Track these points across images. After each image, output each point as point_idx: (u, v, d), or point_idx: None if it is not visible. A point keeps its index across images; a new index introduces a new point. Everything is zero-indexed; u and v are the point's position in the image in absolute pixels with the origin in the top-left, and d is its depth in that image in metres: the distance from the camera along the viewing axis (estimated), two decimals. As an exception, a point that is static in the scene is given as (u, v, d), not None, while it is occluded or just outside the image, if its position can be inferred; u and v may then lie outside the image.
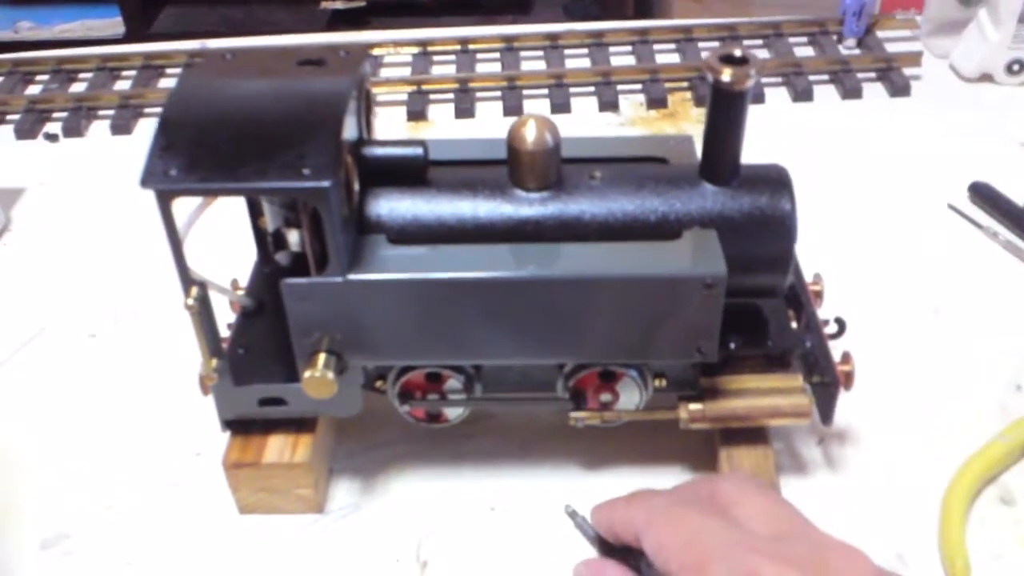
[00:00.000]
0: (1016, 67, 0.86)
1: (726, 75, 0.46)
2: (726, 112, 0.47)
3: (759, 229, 0.48)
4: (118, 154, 0.86)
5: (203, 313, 0.47)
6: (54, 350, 0.66)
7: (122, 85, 0.95)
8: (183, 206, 0.45)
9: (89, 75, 0.96)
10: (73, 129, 0.89)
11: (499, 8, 1.61)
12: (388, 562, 0.51)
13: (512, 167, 0.49)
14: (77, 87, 0.95)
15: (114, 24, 1.72)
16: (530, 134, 0.48)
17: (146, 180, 0.43)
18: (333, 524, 0.53)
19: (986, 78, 0.88)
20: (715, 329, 0.47)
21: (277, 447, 0.52)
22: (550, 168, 0.49)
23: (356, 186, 0.49)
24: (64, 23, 1.75)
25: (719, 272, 0.46)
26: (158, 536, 0.53)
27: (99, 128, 0.90)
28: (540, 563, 0.51)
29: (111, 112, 0.90)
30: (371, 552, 0.52)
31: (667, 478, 0.55)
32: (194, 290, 0.46)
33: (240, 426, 0.53)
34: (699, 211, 0.49)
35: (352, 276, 0.46)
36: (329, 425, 0.56)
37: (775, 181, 0.49)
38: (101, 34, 1.71)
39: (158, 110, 0.89)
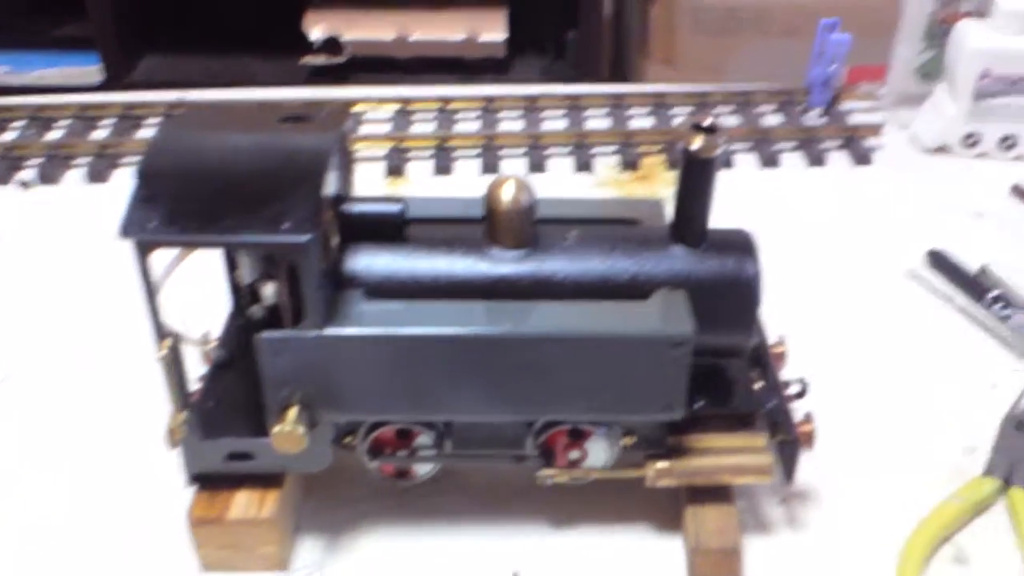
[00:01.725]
0: (972, 140, 0.89)
1: (696, 143, 0.47)
2: (696, 178, 0.49)
3: (725, 291, 0.50)
4: (93, 203, 0.86)
5: (174, 365, 0.48)
6: (17, 400, 0.65)
7: (99, 134, 0.96)
8: (160, 257, 0.46)
9: (66, 123, 0.97)
10: (48, 176, 0.89)
11: (478, 68, 1.63)
12: (353, 618, 0.51)
13: (489, 226, 0.51)
14: (53, 134, 0.96)
15: (93, 72, 1.73)
16: (507, 194, 0.49)
17: (125, 231, 0.44)
18: (297, 582, 0.53)
19: (943, 150, 0.91)
20: (682, 387, 0.49)
21: (243, 503, 0.52)
22: (526, 227, 0.50)
23: (335, 241, 0.50)
24: (42, 69, 1.76)
25: (687, 332, 0.47)
26: (120, 592, 0.53)
27: (74, 176, 0.90)
28: (506, 619, 0.51)
29: (87, 160, 0.91)
30: (337, 607, 0.52)
31: (633, 537, 0.55)
32: (166, 342, 0.47)
33: (206, 481, 0.53)
34: (668, 273, 0.50)
35: (328, 330, 0.47)
36: (296, 481, 0.56)
37: (741, 245, 0.51)
38: (79, 81, 1.71)
39: (135, 160, 0.90)
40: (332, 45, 1.64)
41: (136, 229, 0.44)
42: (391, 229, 0.51)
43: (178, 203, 0.45)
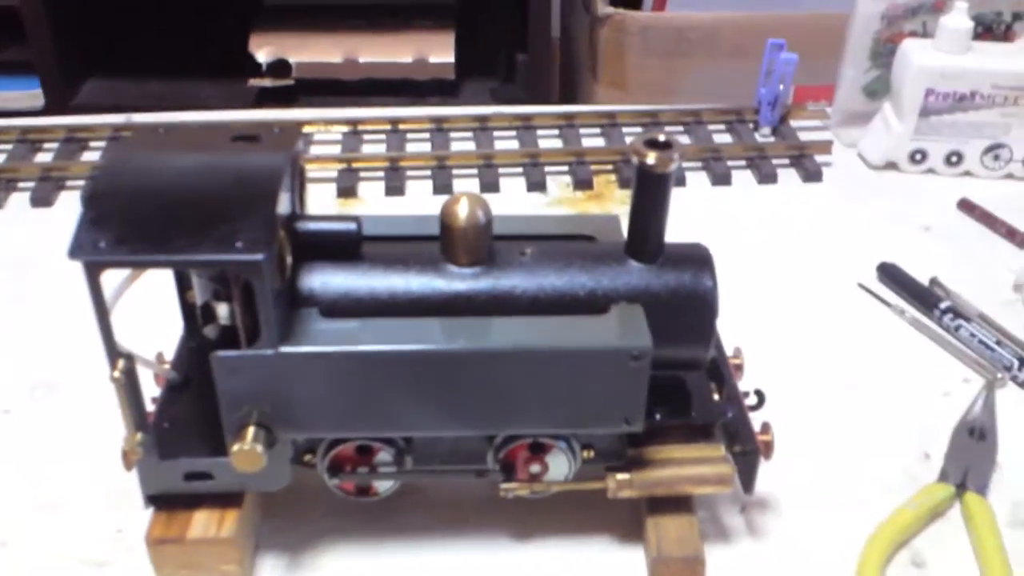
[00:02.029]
0: (919, 156, 0.91)
1: (651, 158, 0.48)
2: (651, 193, 0.49)
3: (682, 304, 0.50)
4: (37, 227, 0.85)
5: (129, 386, 0.47)
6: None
7: (43, 157, 0.94)
8: (110, 278, 0.45)
9: (8, 146, 0.95)
10: (-8, 201, 0.87)
11: (427, 91, 1.63)
12: (315, 639, 0.51)
13: (445, 243, 0.50)
14: (-3, 159, 0.94)
15: (33, 96, 1.70)
16: (463, 211, 0.49)
17: (75, 252, 0.43)
18: (258, 601, 0.53)
19: (891, 166, 0.93)
20: (641, 400, 0.49)
21: (202, 522, 0.52)
22: (482, 244, 0.50)
23: (289, 260, 0.49)
24: (-20, 93, 1.72)
25: (645, 345, 0.47)
26: (75, 616, 0.52)
27: (18, 200, 0.89)
28: (469, 637, 0.51)
29: (31, 184, 0.89)
30: (297, 629, 0.51)
31: (595, 548, 0.55)
32: (120, 362, 0.46)
33: (164, 502, 0.52)
34: (625, 287, 0.50)
35: (284, 349, 0.46)
36: (255, 500, 0.55)
37: (697, 259, 0.51)
38: (19, 106, 1.69)
39: (80, 183, 0.89)
40: (280, 67, 1.63)
41: (86, 250, 0.43)
42: (346, 247, 0.51)
43: (129, 223, 0.44)
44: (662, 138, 0.48)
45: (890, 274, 0.77)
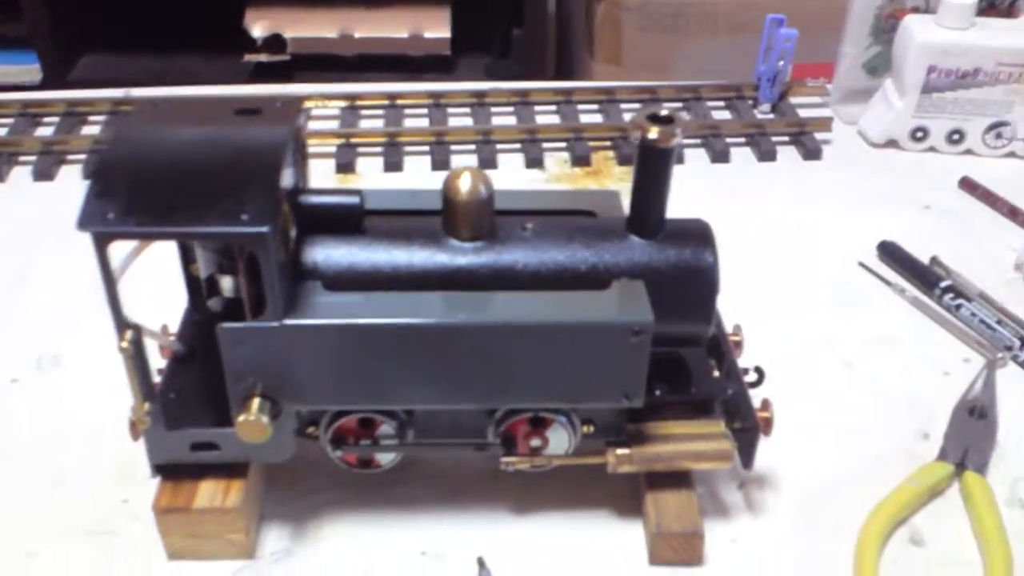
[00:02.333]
0: (920, 134, 0.92)
1: (653, 133, 0.48)
2: (652, 168, 0.50)
3: (684, 280, 0.51)
4: (39, 200, 0.85)
5: (136, 356, 0.47)
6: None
7: (44, 131, 0.94)
8: (117, 249, 0.45)
9: (9, 120, 0.95)
10: (-7, 174, 0.87)
11: (422, 67, 1.63)
12: (318, 609, 0.51)
13: (446, 217, 0.51)
14: (-3, 132, 0.94)
15: (31, 71, 1.69)
16: (464, 185, 0.50)
17: (83, 223, 0.43)
18: (265, 569, 0.53)
19: (892, 144, 0.93)
20: (642, 375, 0.49)
21: (208, 492, 0.52)
22: (483, 219, 0.50)
23: (293, 233, 0.50)
24: (-24, 68, 1.72)
25: (646, 320, 0.48)
26: (82, 585, 0.52)
27: (20, 174, 0.89)
28: (471, 608, 0.51)
29: (32, 158, 0.89)
30: (301, 599, 0.52)
31: (594, 523, 0.56)
32: (128, 333, 0.46)
33: (170, 471, 0.53)
34: (627, 262, 0.51)
35: (288, 321, 0.47)
36: (260, 472, 0.56)
37: (698, 235, 0.52)
38: (17, 80, 1.68)
39: (81, 157, 0.89)
40: (275, 42, 1.62)
41: (94, 221, 0.43)
42: (349, 221, 0.51)
43: (136, 195, 0.45)
44: (664, 113, 0.48)
45: (890, 252, 0.77)
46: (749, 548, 0.54)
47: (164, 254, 0.52)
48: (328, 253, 0.50)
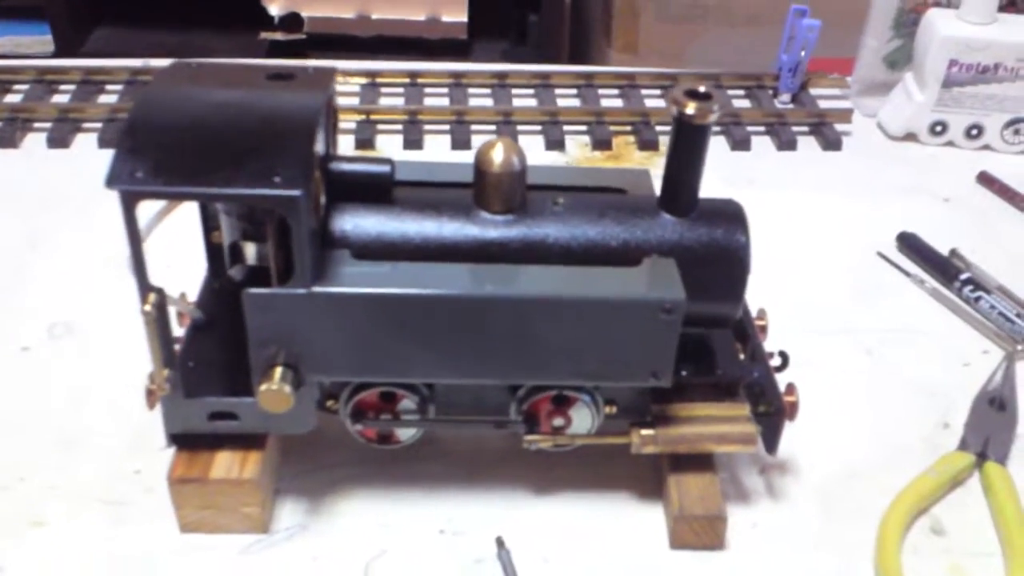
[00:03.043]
0: (939, 128, 0.91)
1: (690, 108, 0.47)
2: (688, 145, 0.49)
3: (715, 259, 0.50)
4: (53, 167, 0.84)
5: (159, 321, 0.46)
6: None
7: (60, 99, 0.93)
8: (143, 211, 0.45)
9: (25, 87, 0.94)
10: (7, 140, 0.86)
11: (439, 49, 1.62)
12: (335, 581, 0.51)
13: (478, 189, 0.50)
14: (12, 98, 0.93)
15: (44, 42, 1.68)
16: (498, 157, 0.49)
17: (111, 181, 0.43)
18: (279, 544, 0.53)
19: (911, 137, 0.92)
20: (671, 354, 0.49)
21: (225, 463, 0.51)
22: (515, 191, 0.50)
23: (322, 200, 0.49)
24: (-9, 38, 1.71)
25: (678, 297, 0.47)
26: (94, 555, 0.52)
27: (35, 140, 0.88)
28: (489, 585, 0.51)
29: (48, 125, 0.89)
30: (318, 572, 0.51)
31: (614, 504, 0.55)
32: (152, 296, 0.46)
33: (186, 441, 0.52)
34: (658, 240, 0.50)
35: (317, 288, 0.46)
36: (275, 444, 0.55)
37: (731, 215, 0.51)
38: (30, 51, 1.67)
39: (98, 125, 0.88)
40: (292, 21, 1.61)
41: (122, 180, 0.43)
42: (379, 190, 0.51)
43: (165, 155, 0.44)
44: (702, 89, 0.48)
45: (910, 244, 0.76)
46: (770, 533, 0.54)
47: (181, 221, 0.51)
48: (357, 222, 0.49)
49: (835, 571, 0.52)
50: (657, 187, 0.55)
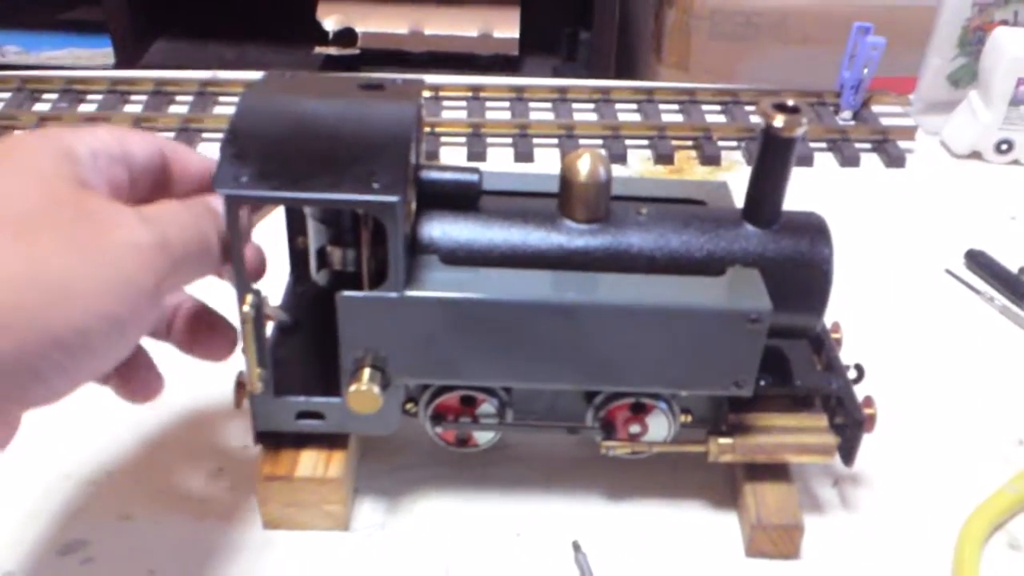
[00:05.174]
0: (1004, 147, 0.91)
1: (778, 121, 0.48)
2: (774, 157, 0.50)
3: (799, 271, 0.51)
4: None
5: (256, 320, 0.48)
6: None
7: (131, 109, 0.96)
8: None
9: (99, 97, 0.96)
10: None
11: (490, 65, 1.64)
12: (416, 581, 0.52)
13: (563, 198, 0.51)
14: (85, 107, 0.96)
15: (103, 55, 1.72)
16: (584, 166, 0.50)
17: (218, 184, 0.44)
18: (360, 542, 0.54)
19: (975, 156, 0.92)
20: (755, 364, 0.49)
21: (310, 462, 0.53)
22: (601, 201, 0.51)
23: (412, 207, 0.50)
24: (52, 50, 1.75)
25: (764, 307, 0.48)
26: (179, 547, 0.53)
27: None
28: (567, 589, 0.52)
29: (121, 134, 0.91)
30: (398, 570, 0.52)
31: (688, 512, 0.56)
32: (249, 297, 0.47)
33: (271, 440, 0.53)
34: (742, 251, 0.51)
35: (409, 292, 0.47)
36: (355, 444, 0.56)
37: (815, 227, 0.52)
38: (89, 63, 1.71)
39: (171, 135, 0.90)
40: (346, 36, 1.64)
41: (228, 184, 0.44)
42: (466, 198, 0.52)
43: (268, 161, 0.45)
44: (791, 102, 0.48)
45: (978, 261, 0.76)
46: (844, 545, 0.54)
47: (260, 228, 0.52)
48: (445, 228, 0.50)
49: (912, 584, 0.52)
50: (736, 199, 0.56)
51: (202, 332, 0.48)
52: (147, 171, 0.45)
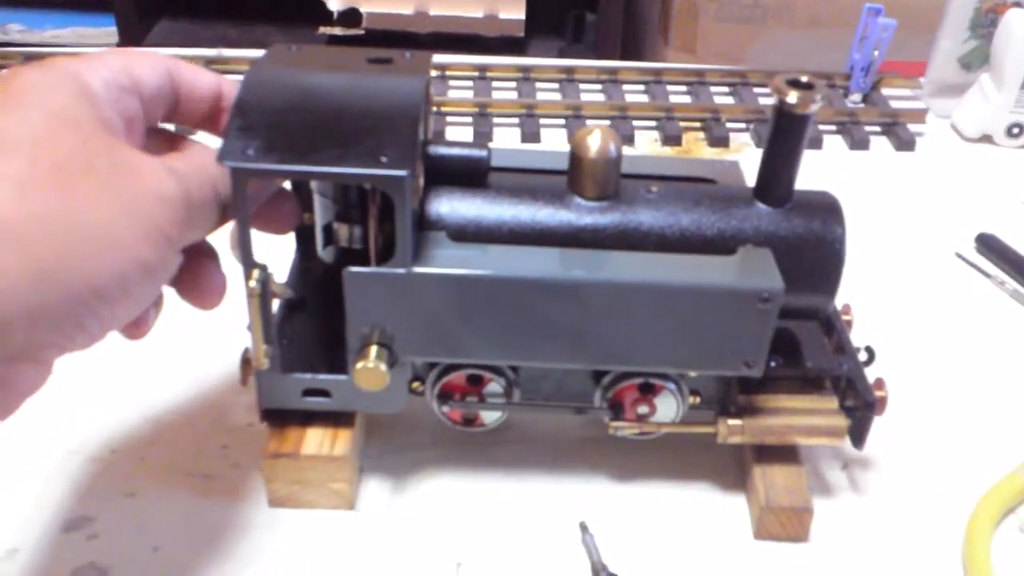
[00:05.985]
0: (1016, 130, 0.90)
1: (792, 97, 0.47)
2: (787, 135, 0.49)
3: (811, 251, 0.50)
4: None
5: (262, 297, 0.47)
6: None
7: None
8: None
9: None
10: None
11: (495, 46, 1.63)
12: (422, 559, 0.51)
13: (573, 175, 0.50)
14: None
15: (107, 33, 1.71)
16: (594, 143, 0.49)
17: (223, 156, 0.43)
18: (365, 520, 0.53)
19: (986, 139, 0.91)
20: (766, 344, 0.49)
21: (316, 440, 0.52)
22: (611, 178, 0.50)
23: (420, 182, 0.50)
24: (56, 29, 1.74)
25: (776, 287, 0.47)
26: (184, 524, 0.53)
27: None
28: (579, 568, 0.51)
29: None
30: (405, 549, 0.52)
31: (696, 494, 0.55)
32: (256, 272, 0.46)
33: (277, 417, 0.53)
34: (753, 230, 0.50)
35: (417, 268, 0.47)
36: (361, 423, 0.56)
37: (828, 206, 0.51)
38: (93, 42, 1.70)
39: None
40: (351, 16, 1.63)
41: (234, 156, 0.43)
42: (475, 175, 0.51)
43: (275, 134, 0.44)
44: (804, 79, 0.48)
45: (989, 245, 0.76)
46: (854, 528, 0.54)
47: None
48: (453, 205, 0.50)
49: (922, 566, 0.52)
50: (747, 179, 0.55)
51: (196, 276, 0.47)
52: (156, 98, 0.45)
